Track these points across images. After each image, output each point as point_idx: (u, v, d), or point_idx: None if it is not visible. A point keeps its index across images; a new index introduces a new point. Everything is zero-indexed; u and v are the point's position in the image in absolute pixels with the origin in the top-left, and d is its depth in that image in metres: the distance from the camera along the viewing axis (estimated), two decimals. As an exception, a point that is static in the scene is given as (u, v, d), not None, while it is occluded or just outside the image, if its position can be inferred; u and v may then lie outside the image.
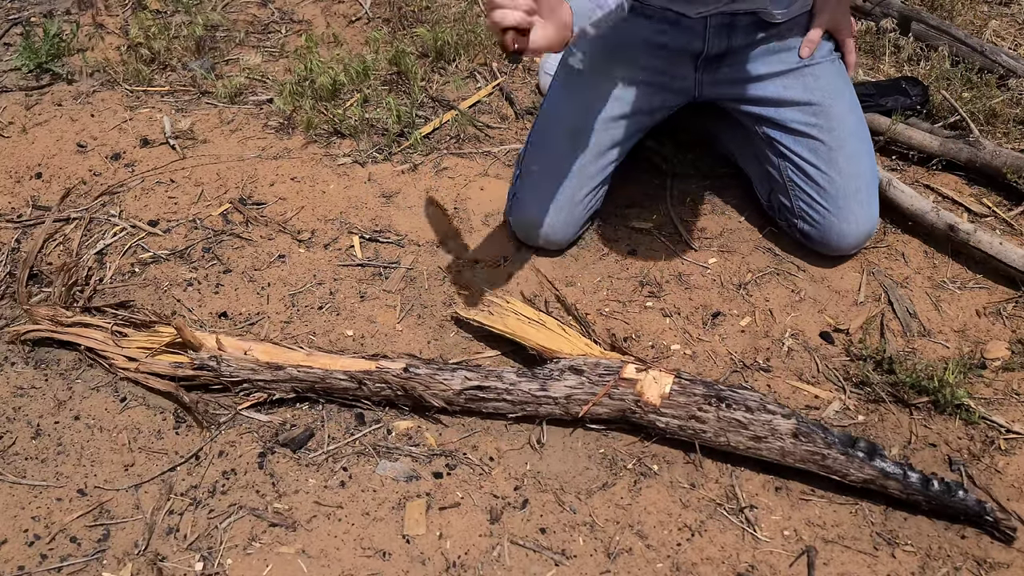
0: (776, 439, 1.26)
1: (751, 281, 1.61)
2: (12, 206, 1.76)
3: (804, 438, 1.25)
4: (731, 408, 1.27)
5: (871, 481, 1.24)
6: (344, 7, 2.37)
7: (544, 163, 1.61)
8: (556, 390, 1.33)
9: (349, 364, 1.37)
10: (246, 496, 1.28)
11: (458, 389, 1.34)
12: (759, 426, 1.26)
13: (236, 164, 1.86)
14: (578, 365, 1.34)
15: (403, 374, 1.34)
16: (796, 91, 1.57)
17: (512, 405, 1.34)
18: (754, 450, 1.27)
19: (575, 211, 1.61)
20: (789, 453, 1.26)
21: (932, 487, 1.22)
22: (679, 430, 1.30)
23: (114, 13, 2.35)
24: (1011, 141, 1.84)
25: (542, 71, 2.02)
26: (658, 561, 1.20)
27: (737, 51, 1.56)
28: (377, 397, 1.37)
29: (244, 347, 1.39)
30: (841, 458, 1.24)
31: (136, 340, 1.45)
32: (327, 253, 1.66)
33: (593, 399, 1.31)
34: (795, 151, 1.58)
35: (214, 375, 1.38)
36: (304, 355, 1.39)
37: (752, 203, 1.75)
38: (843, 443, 1.25)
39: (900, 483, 1.23)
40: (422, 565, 1.20)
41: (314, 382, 1.36)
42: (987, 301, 1.56)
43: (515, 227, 1.65)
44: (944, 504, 1.22)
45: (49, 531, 1.24)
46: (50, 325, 1.47)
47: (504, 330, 1.44)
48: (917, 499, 1.23)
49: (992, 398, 1.40)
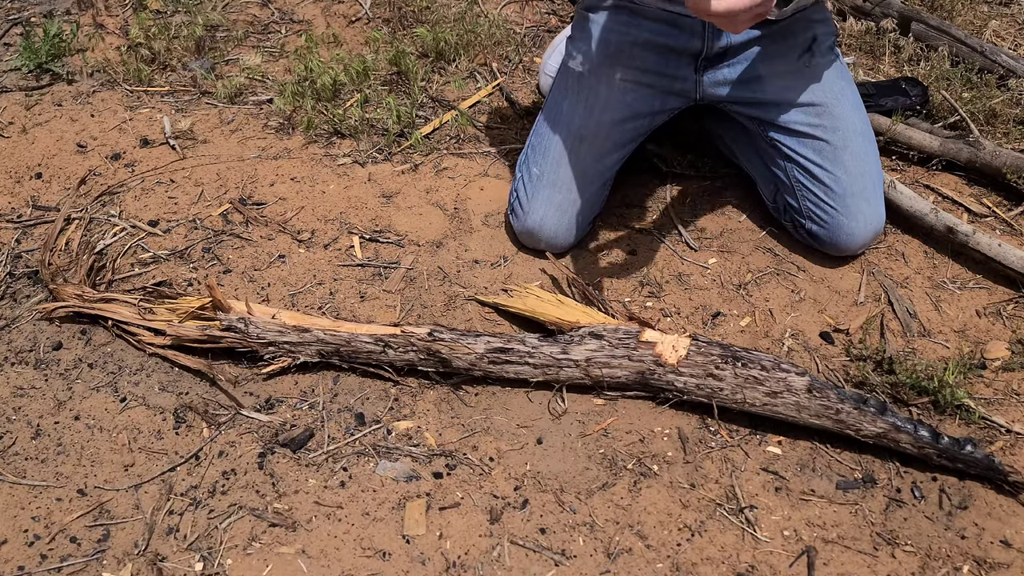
0: (791, 394, 1.30)
1: (751, 281, 1.61)
2: (12, 206, 1.76)
3: (818, 393, 1.29)
4: (747, 366, 1.31)
5: (883, 435, 1.28)
6: (344, 7, 2.37)
7: (545, 167, 1.61)
8: (577, 353, 1.36)
9: (375, 329, 1.41)
10: (246, 496, 1.28)
11: (481, 352, 1.37)
12: (774, 382, 1.30)
13: (236, 164, 1.86)
14: (598, 331, 1.38)
15: (428, 337, 1.37)
16: (798, 92, 1.57)
17: (534, 368, 1.38)
18: (770, 406, 1.31)
19: (576, 215, 1.60)
20: (804, 408, 1.29)
21: (942, 440, 1.26)
22: (697, 389, 1.33)
23: (114, 13, 2.35)
24: (1011, 141, 1.84)
25: (542, 71, 2.01)
26: (658, 561, 1.20)
27: (736, 50, 1.56)
28: (400, 361, 1.39)
29: (271, 312, 1.43)
30: (854, 412, 1.28)
31: (161, 314, 1.47)
32: (327, 253, 1.66)
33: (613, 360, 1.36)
34: (800, 152, 1.58)
35: (241, 337, 1.40)
36: (330, 321, 1.43)
37: (752, 203, 1.75)
38: (855, 399, 1.30)
39: (911, 436, 1.27)
40: (422, 565, 1.20)
41: (340, 345, 1.39)
42: (987, 301, 1.56)
43: (517, 231, 1.65)
44: (954, 457, 1.26)
45: (49, 531, 1.24)
46: (78, 301, 1.49)
47: (523, 309, 1.48)
48: (928, 452, 1.27)
49: (992, 398, 1.40)
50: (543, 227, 1.60)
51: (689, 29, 1.54)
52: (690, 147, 1.85)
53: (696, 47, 1.55)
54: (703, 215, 1.74)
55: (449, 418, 1.38)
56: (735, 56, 1.57)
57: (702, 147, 1.86)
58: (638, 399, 1.39)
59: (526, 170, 1.64)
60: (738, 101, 1.61)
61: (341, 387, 1.42)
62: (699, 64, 1.58)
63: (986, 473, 1.27)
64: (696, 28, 1.53)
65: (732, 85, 1.60)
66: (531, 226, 1.61)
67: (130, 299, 1.49)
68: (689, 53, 1.57)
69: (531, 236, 1.62)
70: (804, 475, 1.31)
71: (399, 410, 1.39)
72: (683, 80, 1.60)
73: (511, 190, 1.67)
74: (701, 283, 1.61)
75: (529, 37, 2.26)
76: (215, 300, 1.40)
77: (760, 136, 1.63)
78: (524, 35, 2.26)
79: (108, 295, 1.51)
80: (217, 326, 1.41)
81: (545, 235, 1.61)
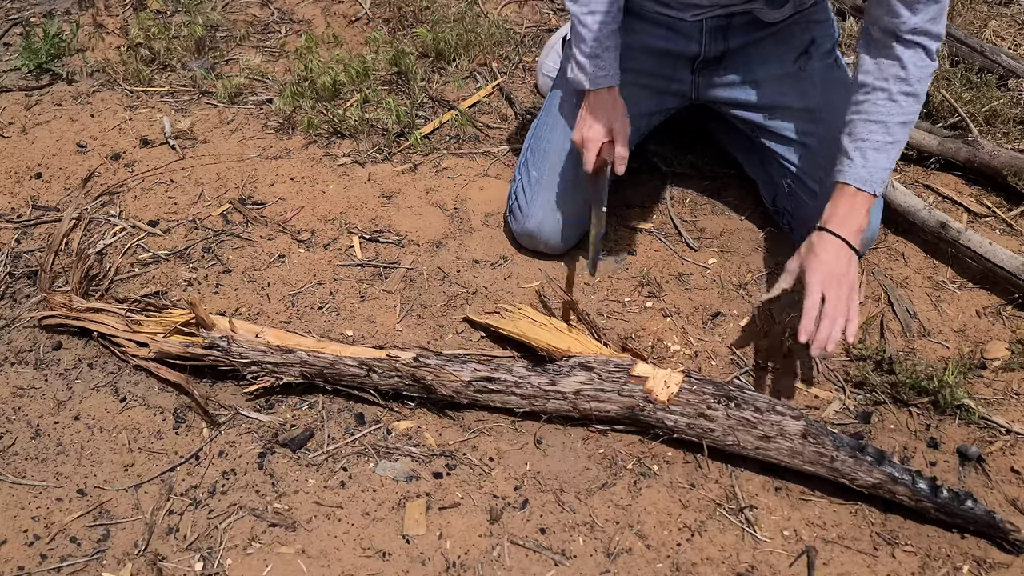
0: (785, 439, 1.24)
1: (751, 281, 1.61)
2: (12, 206, 1.76)
3: (813, 439, 1.24)
4: (740, 407, 1.26)
5: (879, 486, 1.22)
6: (344, 7, 2.37)
7: (543, 170, 1.61)
8: (565, 385, 1.33)
9: (359, 352, 1.38)
10: (246, 496, 1.28)
11: (467, 380, 1.34)
12: (768, 426, 1.25)
13: (236, 164, 1.86)
14: (588, 362, 1.34)
15: (413, 363, 1.35)
16: (792, 97, 1.57)
17: (520, 399, 1.34)
18: (762, 450, 1.26)
19: (575, 217, 1.60)
20: (798, 454, 1.24)
21: (941, 495, 1.21)
22: (687, 428, 1.29)
23: (114, 13, 2.35)
24: (1011, 141, 1.84)
25: (539, 72, 2.01)
26: (658, 561, 1.20)
27: (734, 53, 1.56)
28: (385, 386, 1.37)
29: (255, 330, 1.41)
30: (850, 460, 1.23)
31: (148, 326, 1.46)
32: (327, 253, 1.66)
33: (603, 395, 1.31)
34: (790, 160, 1.58)
35: (224, 355, 1.38)
36: (315, 341, 1.40)
37: (752, 203, 1.75)
38: (852, 447, 1.24)
39: (909, 489, 1.21)
40: (422, 565, 1.20)
41: (323, 367, 1.36)
42: (987, 301, 1.56)
43: (516, 233, 1.65)
44: (953, 512, 1.21)
45: (49, 531, 1.24)
46: (65, 311, 1.48)
47: (515, 332, 1.44)
48: (926, 506, 1.22)
49: (992, 398, 1.40)
50: (542, 229, 1.60)
51: (687, 34, 1.54)
52: (690, 147, 1.85)
53: (693, 51, 1.56)
54: (703, 215, 1.74)
55: (449, 418, 1.38)
56: (732, 59, 1.57)
57: (702, 147, 1.86)
58: (628, 433, 1.35)
59: (525, 173, 1.64)
60: (733, 104, 1.61)
61: (341, 387, 1.42)
62: (696, 66, 1.58)
63: (986, 530, 1.21)
64: (693, 32, 1.53)
65: (728, 87, 1.60)
66: (530, 228, 1.60)
67: (118, 310, 1.48)
68: (687, 56, 1.57)
69: (530, 238, 1.62)
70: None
71: (399, 410, 1.39)
72: (680, 82, 1.60)
73: (510, 193, 1.67)
74: (701, 283, 1.61)
75: (529, 37, 2.26)
76: (198, 317, 1.38)
77: (755, 141, 1.64)
78: (524, 35, 2.26)
79: (96, 304, 1.49)
80: (200, 343, 1.39)
81: (544, 237, 1.60)
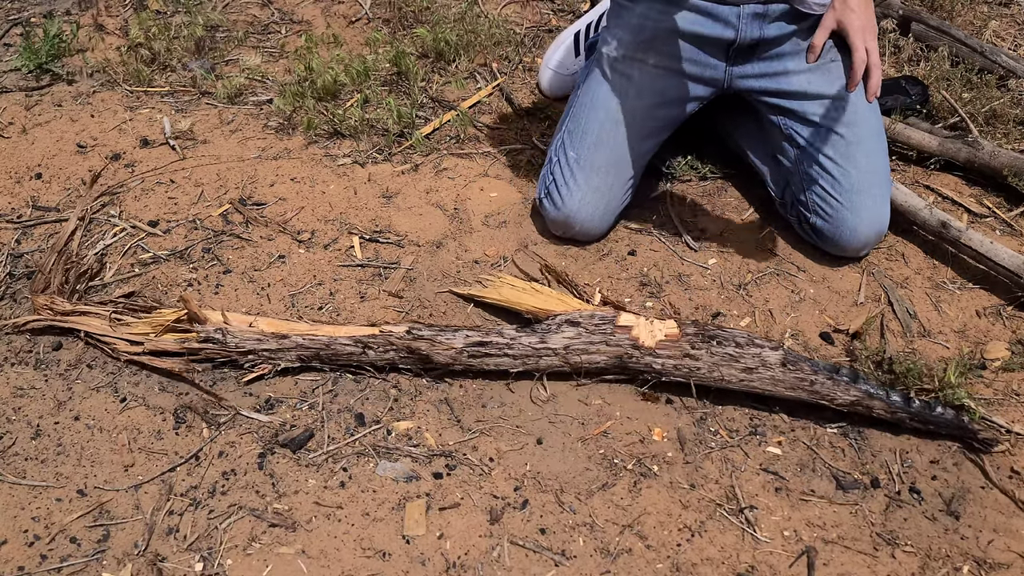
0: (766, 369, 1.33)
1: (751, 281, 1.61)
2: (12, 206, 1.76)
3: (792, 366, 1.33)
4: (722, 344, 1.34)
5: (857, 402, 1.32)
6: (344, 7, 2.37)
7: (583, 150, 1.61)
8: (555, 342, 1.37)
9: (353, 331, 1.40)
10: (246, 496, 1.28)
11: (460, 347, 1.37)
12: (749, 358, 1.33)
13: (236, 164, 1.86)
14: (574, 318, 1.39)
15: (407, 335, 1.37)
16: (820, 85, 1.58)
17: (513, 360, 1.38)
18: (746, 382, 1.34)
19: (613, 201, 1.61)
20: (779, 381, 1.33)
21: (913, 404, 1.32)
22: (675, 370, 1.35)
23: (114, 13, 2.35)
24: (1011, 142, 1.84)
25: (545, 67, 2.00)
26: (658, 561, 1.20)
27: (768, 43, 1.57)
28: (382, 361, 1.39)
29: (248, 320, 1.42)
30: (828, 382, 1.32)
31: (136, 326, 1.46)
32: (327, 253, 1.66)
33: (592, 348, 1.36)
34: (814, 144, 1.59)
35: (220, 347, 1.40)
36: (308, 326, 1.42)
37: (752, 204, 1.76)
38: (828, 369, 1.34)
39: (884, 402, 1.31)
40: (422, 566, 1.20)
41: (319, 349, 1.39)
42: (987, 301, 1.56)
43: (551, 218, 1.64)
44: (926, 419, 1.31)
45: (49, 531, 1.24)
46: (48, 314, 1.48)
47: (499, 299, 1.49)
48: (901, 416, 1.32)
49: (992, 398, 1.40)
50: (581, 210, 1.60)
51: (723, 19, 1.55)
52: (690, 147, 1.85)
53: (729, 37, 1.57)
54: (703, 215, 1.74)
55: (449, 418, 1.38)
56: (766, 49, 1.58)
57: (702, 147, 1.86)
58: (617, 383, 1.40)
59: (563, 154, 1.64)
60: (763, 92, 1.63)
61: (341, 387, 1.42)
62: (731, 54, 1.60)
63: (957, 432, 1.31)
64: (730, 19, 1.55)
65: (759, 77, 1.61)
66: (570, 209, 1.60)
67: (102, 311, 1.48)
68: (722, 43, 1.58)
69: (566, 222, 1.62)
70: (804, 475, 1.31)
71: (399, 410, 1.39)
72: (713, 68, 1.61)
73: (543, 175, 1.67)
74: (701, 283, 1.61)
75: (529, 37, 2.26)
76: (191, 313, 1.39)
77: (775, 125, 1.64)
78: (524, 35, 2.26)
79: (80, 307, 1.49)
80: (195, 338, 1.41)
81: (582, 218, 1.61)
